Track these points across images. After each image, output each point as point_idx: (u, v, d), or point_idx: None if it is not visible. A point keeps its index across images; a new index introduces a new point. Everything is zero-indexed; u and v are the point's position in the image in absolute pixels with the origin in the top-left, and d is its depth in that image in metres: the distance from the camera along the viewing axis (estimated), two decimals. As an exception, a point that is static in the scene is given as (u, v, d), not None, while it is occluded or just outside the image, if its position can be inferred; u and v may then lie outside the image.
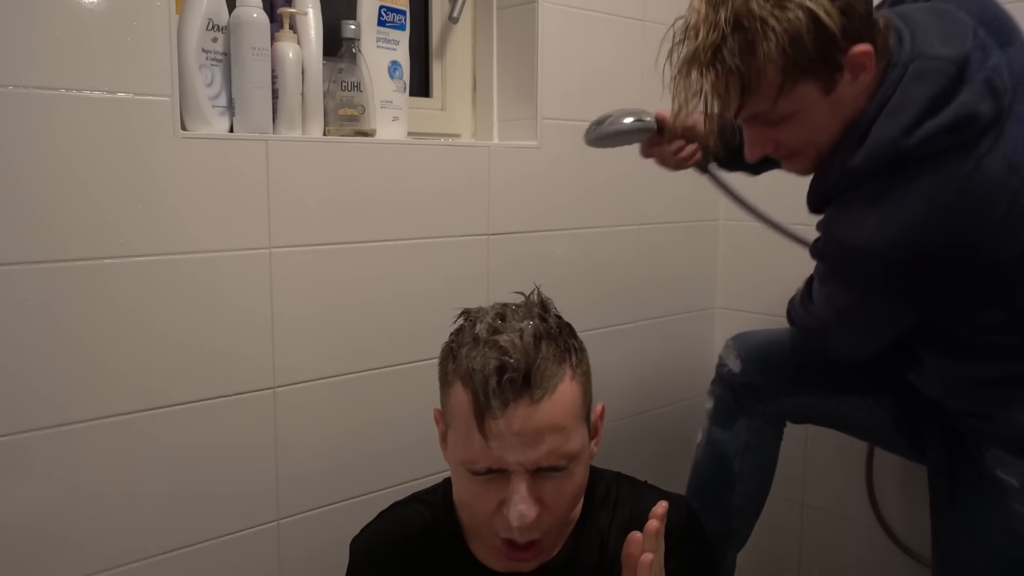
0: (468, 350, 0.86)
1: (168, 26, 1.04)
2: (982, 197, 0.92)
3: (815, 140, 1.01)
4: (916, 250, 0.95)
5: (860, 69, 0.95)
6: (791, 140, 1.01)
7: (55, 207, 0.98)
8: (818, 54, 0.92)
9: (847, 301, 1.09)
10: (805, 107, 0.97)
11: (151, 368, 1.07)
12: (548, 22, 1.50)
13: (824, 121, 0.99)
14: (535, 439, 0.83)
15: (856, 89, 0.97)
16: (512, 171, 1.47)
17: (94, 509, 1.05)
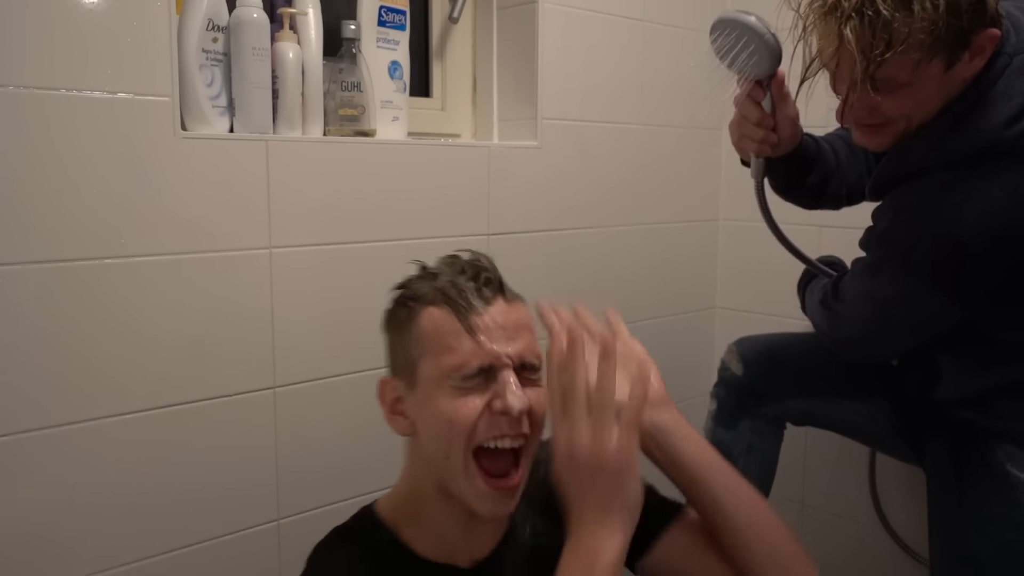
0: (431, 281, 0.89)
1: (168, 26, 1.05)
2: None
3: (913, 115, 0.99)
4: (990, 243, 0.94)
5: (979, 52, 0.94)
6: (892, 110, 0.99)
7: (55, 207, 0.98)
8: (966, 26, 0.91)
9: (894, 293, 1.04)
10: (924, 79, 0.95)
11: (151, 368, 1.07)
12: (548, 22, 1.50)
13: (931, 97, 0.97)
14: (515, 333, 0.87)
15: (967, 72, 0.96)
16: (512, 171, 1.47)
17: (94, 509, 1.05)
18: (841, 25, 0.92)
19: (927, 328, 1.08)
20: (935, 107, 0.99)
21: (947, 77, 0.95)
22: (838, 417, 1.36)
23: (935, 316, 1.05)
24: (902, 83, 0.95)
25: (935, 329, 1.08)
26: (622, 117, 1.66)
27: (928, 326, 1.08)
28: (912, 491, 1.68)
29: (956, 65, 0.94)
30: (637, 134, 1.70)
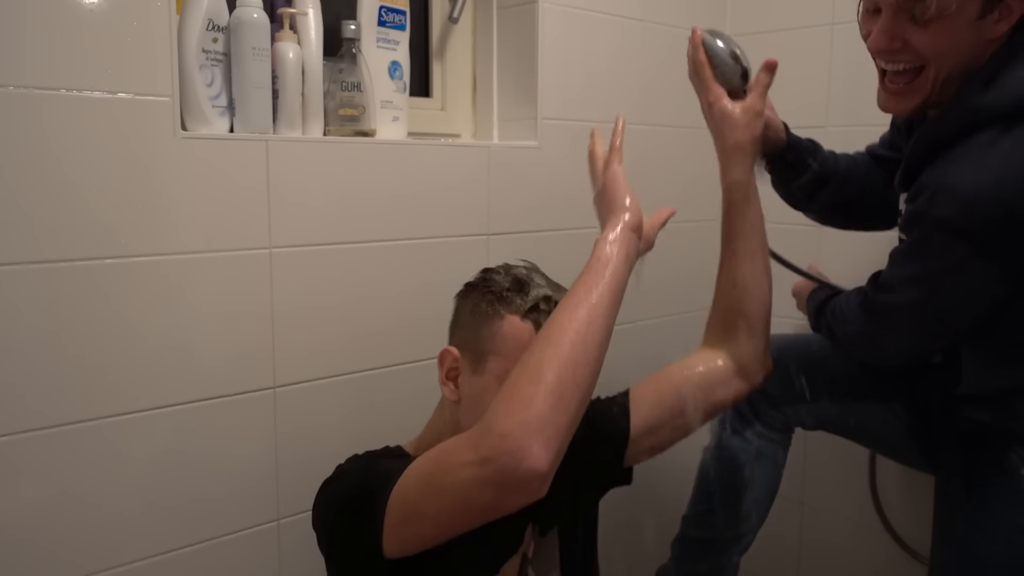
0: (521, 292, 1.01)
1: (168, 26, 1.05)
2: None
3: (944, 59, 1.03)
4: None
5: (1007, 15, 1.00)
6: (922, 44, 1.03)
7: (55, 207, 0.98)
8: None
9: (941, 267, 1.04)
10: (957, 16, 0.99)
11: (151, 368, 1.08)
12: (548, 22, 1.50)
13: (959, 41, 1.02)
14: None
15: (993, 32, 1.01)
16: (512, 171, 1.47)
17: (93, 510, 1.05)
18: None
19: (973, 306, 1.06)
20: (962, 58, 1.02)
21: (977, 28, 1.00)
22: (853, 421, 1.35)
23: (981, 290, 1.03)
24: (938, 14, 0.99)
25: (980, 308, 1.05)
26: (622, 117, 1.66)
27: (974, 303, 1.05)
28: (912, 491, 1.68)
29: (987, 18, 1.00)
30: (637, 134, 1.70)
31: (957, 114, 1.03)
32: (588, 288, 0.90)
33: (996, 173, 0.97)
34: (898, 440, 1.30)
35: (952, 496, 1.19)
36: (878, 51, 1.08)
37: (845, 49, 1.69)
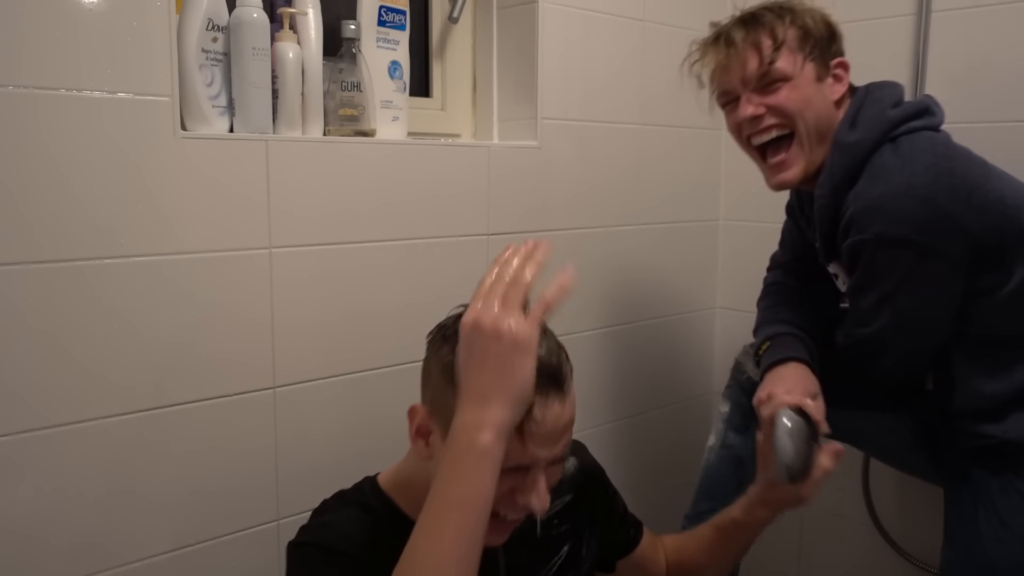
0: None
1: (168, 26, 1.05)
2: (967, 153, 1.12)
3: (803, 115, 1.18)
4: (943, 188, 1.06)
5: (838, 79, 1.21)
6: (782, 103, 1.19)
7: (55, 207, 0.98)
8: (825, 38, 1.20)
9: (897, 278, 1.12)
10: (802, 78, 1.19)
11: (151, 368, 1.08)
12: (548, 22, 1.50)
13: (811, 96, 1.19)
14: (563, 434, 0.87)
15: (835, 94, 1.20)
16: (512, 171, 1.47)
17: (93, 510, 1.05)
18: (731, 37, 1.21)
19: (941, 307, 1.12)
20: (819, 113, 1.19)
21: (820, 89, 1.20)
22: (856, 428, 1.35)
23: (940, 289, 1.11)
24: (785, 75, 1.18)
25: (949, 306, 1.12)
26: (622, 117, 1.66)
27: (940, 304, 1.12)
28: (905, 493, 1.68)
29: (825, 81, 1.20)
30: (637, 134, 1.70)
31: (839, 160, 1.16)
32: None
33: (903, 178, 1.08)
34: (903, 448, 1.30)
35: (967, 504, 1.19)
36: (747, 121, 1.21)
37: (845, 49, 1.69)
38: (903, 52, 1.61)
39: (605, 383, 1.70)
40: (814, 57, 1.19)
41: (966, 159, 1.12)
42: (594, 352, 1.66)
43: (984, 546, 1.15)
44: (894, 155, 1.11)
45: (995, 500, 1.14)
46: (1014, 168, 1.17)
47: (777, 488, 1.08)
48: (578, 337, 1.62)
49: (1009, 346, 1.13)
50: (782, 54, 1.18)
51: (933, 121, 1.16)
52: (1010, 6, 1.48)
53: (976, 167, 1.11)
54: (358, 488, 1.01)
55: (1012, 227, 1.09)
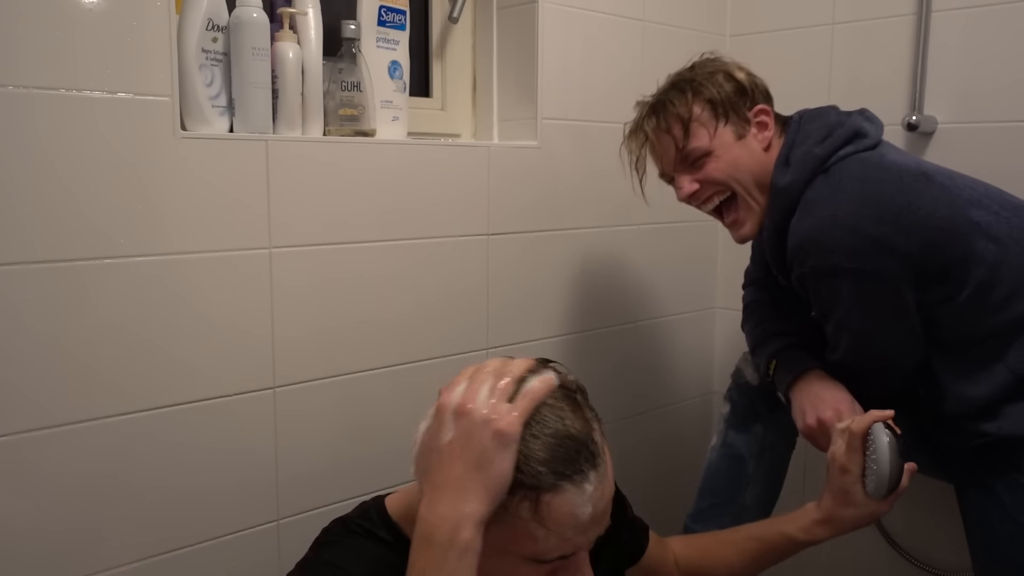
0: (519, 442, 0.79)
1: (168, 26, 1.04)
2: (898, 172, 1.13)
3: (736, 177, 1.24)
4: (868, 215, 1.10)
5: (762, 126, 1.25)
6: (713, 175, 1.25)
7: (54, 207, 0.98)
8: (732, 99, 1.24)
9: (845, 305, 1.15)
10: (722, 145, 1.24)
11: (150, 368, 1.07)
12: (548, 22, 1.50)
13: (739, 158, 1.24)
14: (604, 514, 0.84)
15: (763, 142, 1.25)
16: (512, 171, 1.47)
17: (93, 510, 1.05)
18: (645, 127, 1.28)
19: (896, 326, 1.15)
20: (752, 168, 1.24)
21: (744, 144, 1.24)
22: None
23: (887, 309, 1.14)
24: (706, 151, 1.24)
25: (904, 322, 1.15)
26: (622, 117, 1.66)
27: (895, 322, 1.15)
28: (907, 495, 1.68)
29: (748, 136, 1.24)
30: (637, 134, 1.70)
31: (776, 204, 1.21)
32: None
33: (830, 210, 1.12)
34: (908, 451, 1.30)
35: (979, 506, 1.19)
36: (690, 199, 1.29)
37: (845, 49, 1.69)
38: (903, 52, 1.61)
39: (605, 383, 1.70)
40: (729, 120, 1.24)
41: (896, 179, 1.12)
42: (594, 352, 1.66)
43: (1004, 547, 1.15)
44: (823, 187, 1.15)
45: (1003, 499, 1.14)
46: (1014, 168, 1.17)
47: (853, 505, 1.08)
48: (578, 337, 1.62)
49: (983, 345, 1.13)
50: (693, 133, 1.23)
51: (865, 143, 1.18)
52: (1010, 6, 1.48)
53: (909, 185, 1.12)
54: (364, 514, 0.96)
55: (949, 239, 1.10)
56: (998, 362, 1.12)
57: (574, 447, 0.80)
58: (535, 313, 1.53)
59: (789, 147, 1.22)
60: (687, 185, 1.26)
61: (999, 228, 1.11)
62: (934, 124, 1.57)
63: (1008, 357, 1.11)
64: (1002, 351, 1.11)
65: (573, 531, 0.80)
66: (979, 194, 1.14)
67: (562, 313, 1.58)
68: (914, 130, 1.54)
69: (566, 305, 1.59)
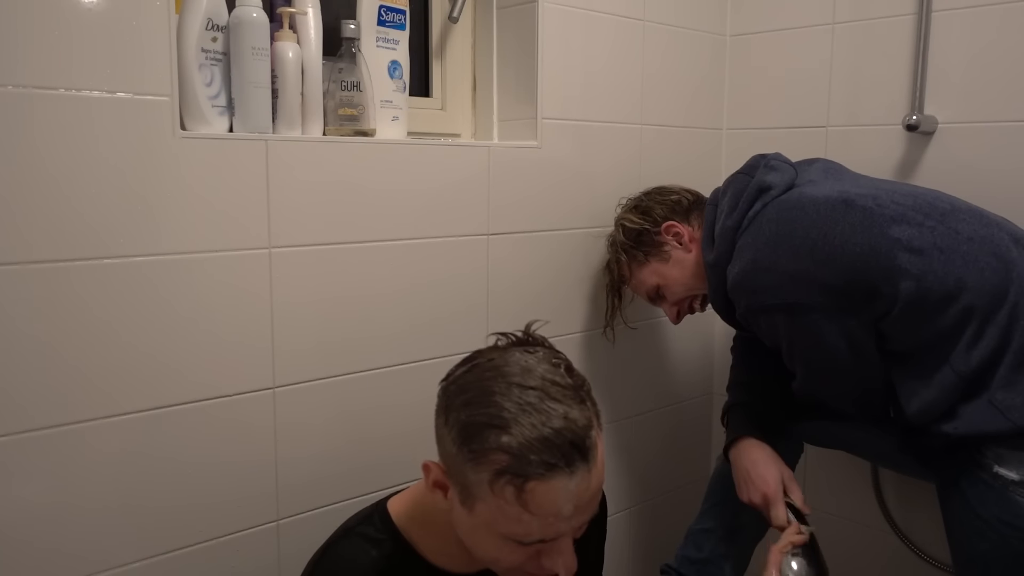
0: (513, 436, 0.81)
1: (168, 26, 1.04)
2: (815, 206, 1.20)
3: (692, 288, 1.44)
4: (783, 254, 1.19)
5: (676, 236, 1.42)
6: (675, 296, 1.46)
7: (54, 207, 0.98)
8: (635, 243, 1.45)
9: (788, 337, 1.24)
10: (661, 275, 1.44)
11: (150, 368, 1.07)
12: (548, 22, 1.50)
13: (681, 276, 1.43)
14: (590, 505, 0.85)
15: (687, 244, 1.41)
16: (512, 171, 1.47)
17: (93, 510, 1.05)
18: (607, 290, 1.58)
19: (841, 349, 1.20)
20: (694, 272, 1.41)
21: (676, 260, 1.43)
22: (851, 437, 1.40)
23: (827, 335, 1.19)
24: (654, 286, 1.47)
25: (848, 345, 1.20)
26: (622, 117, 1.66)
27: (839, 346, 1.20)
28: (913, 493, 1.68)
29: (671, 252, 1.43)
30: (637, 134, 1.70)
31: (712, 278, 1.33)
32: None
33: (749, 254, 1.23)
34: (896, 454, 1.32)
35: (949, 503, 1.21)
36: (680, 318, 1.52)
37: (845, 49, 1.69)
38: (903, 52, 1.61)
39: (605, 383, 1.70)
40: (650, 255, 1.44)
41: (811, 213, 1.19)
42: (594, 352, 1.66)
43: (971, 542, 1.17)
44: (747, 235, 1.25)
45: (966, 494, 1.16)
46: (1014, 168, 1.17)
47: None
48: (578, 337, 1.62)
49: (930, 352, 1.16)
50: (637, 282, 1.48)
51: (771, 195, 1.26)
52: (1010, 6, 1.48)
53: (824, 216, 1.18)
54: (368, 520, 0.97)
55: (866, 263, 1.14)
56: (944, 365, 1.14)
57: (570, 439, 0.81)
58: (535, 313, 1.53)
59: (710, 227, 1.34)
60: (671, 313, 1.50)
61: (922, 240, 1.14)
62: (934, 124, 1.57)
63: (952, 360, 1.14)
64: (946, 354, 1.14)
65: (555, 518, 0.82)
66: (905, 208, 1.18)
67: (562, 313, 1.58)
68: (914, 130, 1.54)
69: (566, 305, 1.59)
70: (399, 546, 0.94)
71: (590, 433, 0.84)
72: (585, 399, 0.86)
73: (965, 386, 1.14)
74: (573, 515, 0.83)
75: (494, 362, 0.88)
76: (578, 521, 0.85)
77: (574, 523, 0.85)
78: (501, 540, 0.85)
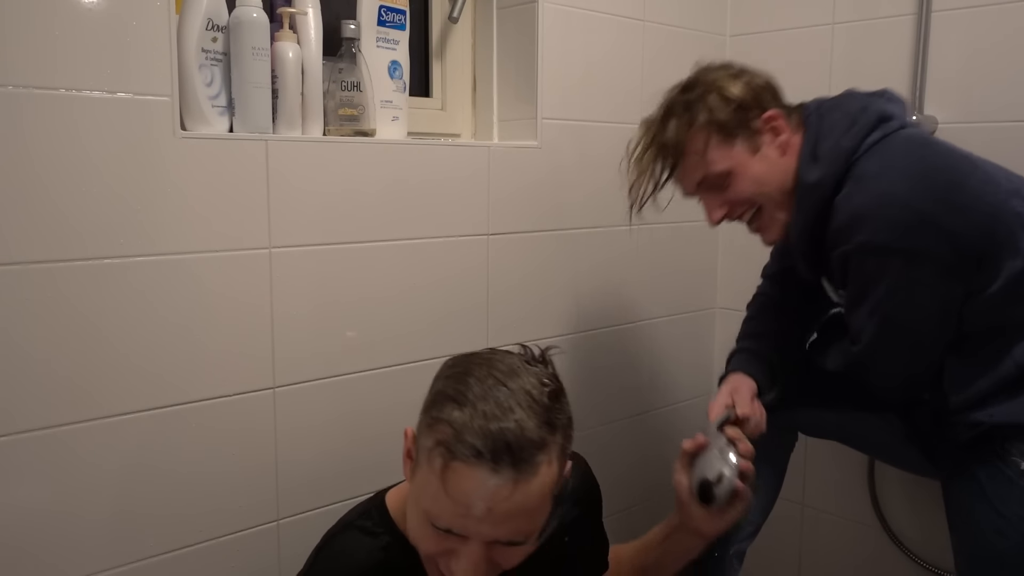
0: (463, 414, 0.83)
1: (168, 26, 1.04)
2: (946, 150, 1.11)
3: (762, 191, 1.20)
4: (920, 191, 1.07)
5: (774, 131, 1.19)
6: (738, 196, 1.21)
7: (54, 207, 0.98)
8: (733, 119, 1.18)
9: (887, 287, 1.11)
10: (738, 164, 1.19)
11: (150, 368, 1.07)
12: (548, 22, 1.50)
13: (760, 173, 1.20)
14: (504, 519, 0.83)
15: (781, 144, 1.19)
16: (512, 171, 1.47)
17: (93, 509, 1.05)
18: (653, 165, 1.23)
19: (933, 315, 1.12)
20: (776, 179, 1.20)
21: (763, 156, 1.19)
22: (851, 429, 1.37)
23: (930, 295, 1.10)
24: (722, 173, 1.19)
25: (940, 313, 1.11)
26: (622, 117, 1.66)
27: (932, 311, 1.11)
28: (911, 493, 1.68)
29: (763, 146, 1.19)
30: (637, 134, 1.70)
31: (805, 200, 1.17)
32: None
33: (881, 186, 1.09)
34: (897, 445, 1.30)
35: (962, 497, 1.19)
36: (721, 222, 1.26)
37: (845, 49, 1.69)
38: (903, 52, 1.61)
39: (605, 383, 1.70)
40: (739, 137, 1.18)
41: (945, 155, 1.12)
42: (594, 352, 1.66)
43: (987, 539, 1.15)
44: (866, 162, 1.11)
45: (986, 490, 1.14)
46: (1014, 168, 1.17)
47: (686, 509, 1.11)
48: (578, 337, 1.62)
49: (993, 337, 1.12)
50: (707, 160, 1.19)
51: (891, 126, 1.15)
52: (1010, 6, 1.48)
53: (956, 163, 1.11)
54: (366, 514, 0.98)
55: (993, 225, 1.08)
56: (1007, 357, 1.11)
57: (507, 440, 0.81)
58: (535, 313, 1.53)
59: (814, 142, 1.17)
60: (717, 210, 1.24)
61: None
62: (934, 124, 1.57)
63: (1014, 352, 1.10)
64: (1010, 345, 1.11)
65: (466, 510, 0.82)
66: (1017, 184, 1.12)
67: (562, 313, 1.58)
68: (914, 130, 1.53)
69: (566, 305, 1.59)
70: (396, 538, 0.94)
71: (534, 451, 0.82)
72: (552, 425, 0.85)
73: (1017, 378, 1.10)
74: (484, 518, 0.82)
75: (491, 356, 0.90)
76: (490, 529, 0.83)
77: (484, 529, 0.83)
78: (423, 516, 0.86)
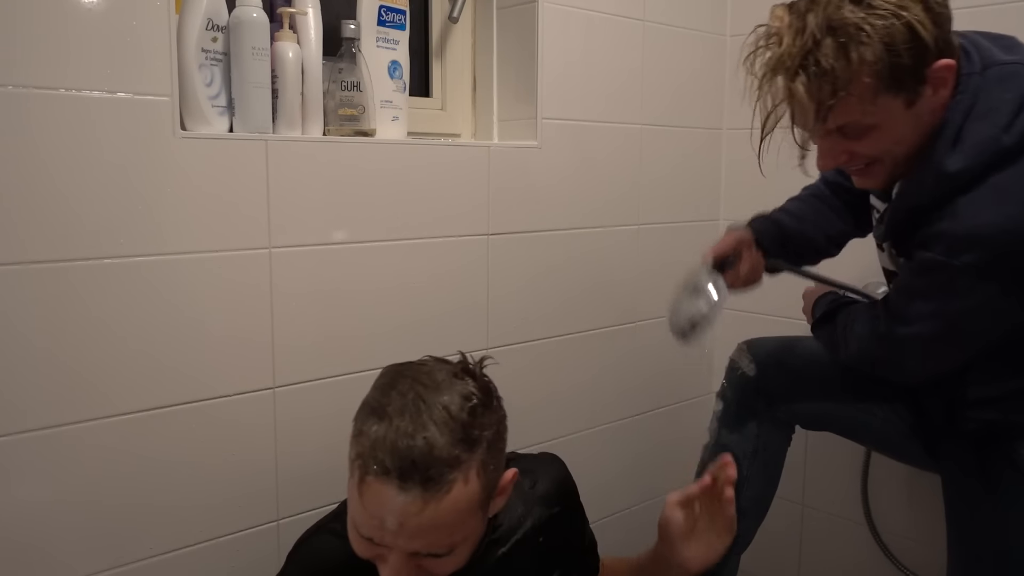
0: (380, 428, 0.83)
1: (168, 26, 1.04)
2: None
3: (892, 151, 1.02)
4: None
5: (941, 83, 0.97)
6: (868, 151, 1.02)
7: (54, 207, 0.98)
8: (911, 64, 0.94)
9: (966, 305, 1.02)
10: (888, 119, 0.98)
11: (150, 368, 1.07)
12: (548, 22, 1.50)
13: (903, 133, 1.00)
14: (417, 534, 0.83)
15: (935, 103, 0.98)
16: (512, 171, 1.47)
17: (93, 509, 1.05)
18: (788, 80, 0.96)
19: (993, 332, 1.05)
20: (913, 139, 1.01)
21: (914, 112, 0.98)
22: (853, 421, 1.35)
23: (1002, 318, 1.03)
24: (868, 125, 0.98)
25: (999, 331, 1.05)
26: (622, 117, 1.66)
27: (994, 330, 1.05)
28: (905, 497, 1.68)
29: (920, 100, 0.97)
30: (637, 134, 1.70)
31: (934, 183, 1.01)
32: None
33: (1012, 212, 0.95)
34: (900, 438, 1.29)
35: (966, 494, 1.18)
36: (826, 170, 1.09)
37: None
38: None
39: (604, 384, 1.70)
40: (902, 88, 0.96)
41: None
42: (593, 352, 1.66)
43: (995, 534, 1.14)
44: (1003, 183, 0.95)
45: (988, 486, 1.13)
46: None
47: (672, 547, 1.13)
48: (578, 337, 1.62)
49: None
50: (865, 109, 0.97)
51: None
52: (1009, 6, 1.48)
53: None
54: (338, 517, 0.99)
55: None
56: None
57: (413, 458, 0.81)
58: (535, 313, 1.53)
59: (964, 117, 0.98)
60: (837, 157, 1.03)
61: None
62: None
63: None
64: None
65: (380, 522, 0.83)
66: None
67: (562, 313, 1.58)
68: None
69: (566, 305, 1.59)
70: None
71: (444, 469, 0.82)
72: (471, 443, 0.84)
73: None
74: (398, 532, 0.83)
75: (420, 367, 0.91)
76: (405, 542, 0.84)
77: (400, 541, 0.84)
78: (352, 522, 0.88)
